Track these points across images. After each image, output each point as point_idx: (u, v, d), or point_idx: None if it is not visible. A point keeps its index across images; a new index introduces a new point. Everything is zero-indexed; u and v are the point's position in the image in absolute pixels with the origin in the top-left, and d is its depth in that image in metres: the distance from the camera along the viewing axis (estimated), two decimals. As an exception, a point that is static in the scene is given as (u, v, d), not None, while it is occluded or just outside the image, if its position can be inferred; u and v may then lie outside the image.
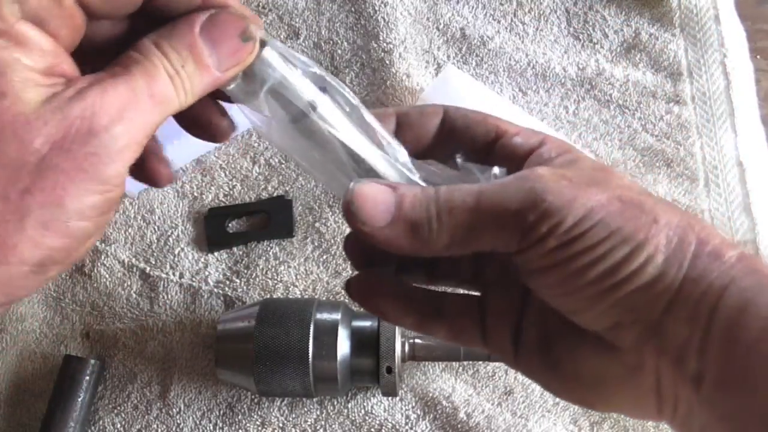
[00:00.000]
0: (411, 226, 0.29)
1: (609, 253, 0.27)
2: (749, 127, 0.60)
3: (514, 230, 0.28)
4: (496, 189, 0.28)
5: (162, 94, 0.28)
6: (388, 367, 0.46)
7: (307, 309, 0.47)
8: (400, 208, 0.29)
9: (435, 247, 0.29)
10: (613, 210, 0.27)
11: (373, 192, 0.29)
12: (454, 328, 0.33)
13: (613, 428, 0.51)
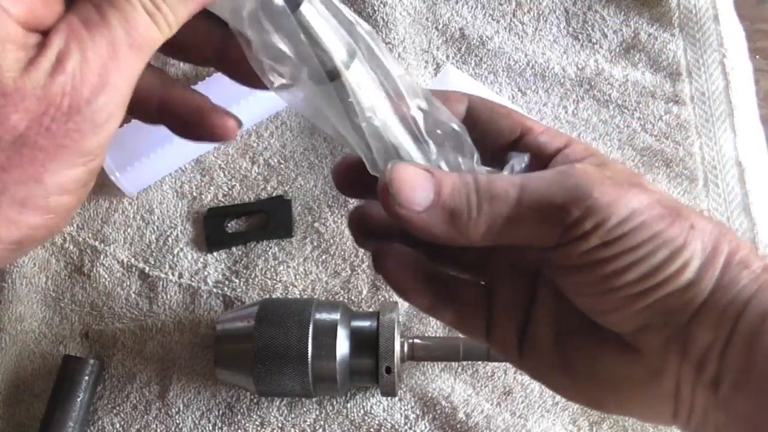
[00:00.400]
0: (450, 214, 0.28)
1: (649, 255, 0.27)
2: (748, 127, 0.60)
3: (556, 225, 0.27)
4: (539, 182, 0.28)
5: (143, 39, 0.25)
6: (387, 367, 0.46)
7: (306, 309, 0.47)
8: (440, 194, 0.28)
9: (472, 237, 0.28)
10: (654, 213, 0.27)
11: (412, 175, 0.28)
12: (459, 315, 0.32)
13: (613, 428, 0.51)
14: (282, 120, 0.61)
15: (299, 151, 0.60)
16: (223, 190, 0.58)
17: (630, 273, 0.27)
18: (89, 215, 0.58)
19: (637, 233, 0.27)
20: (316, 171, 0.59)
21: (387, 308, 0.48)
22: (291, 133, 0.61)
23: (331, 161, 0.59)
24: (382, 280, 0.55)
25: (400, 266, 0.32)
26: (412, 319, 0.54)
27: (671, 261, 0.27)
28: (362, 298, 0.54)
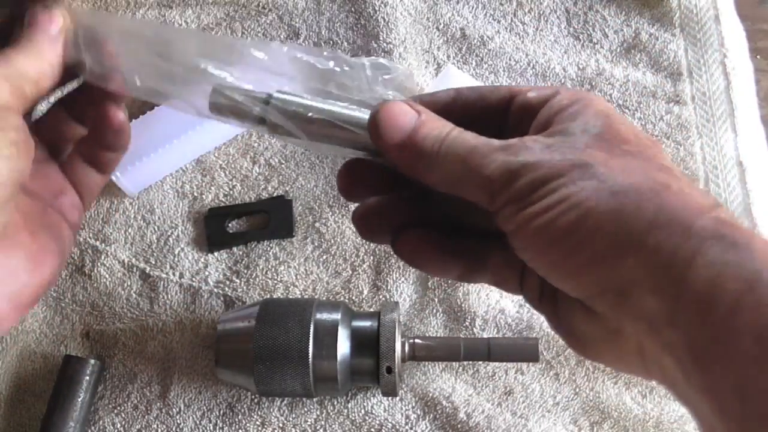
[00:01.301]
0: (416, 153, 0.32)
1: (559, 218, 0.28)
2: (749, 127, 0.60)
3: (484, 193, 0.30)
4: (484, 150, 0.31)
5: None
6: (388, 367, 0.46)
7: (307, 309, 0.47)
8: (414, 135, 0.32)
9: (429, 180, 0.32)
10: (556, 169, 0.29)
11: (397, 111, 0.32)
12: (497, 276, 0.36)
13: (613, 428, 0.51)
14: (283, 120, 0.61)
15: (300, 151, 0.60)
16: (224, 190, 0.58)
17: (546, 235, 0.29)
18: (90, 215, 0.58)
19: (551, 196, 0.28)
20: (317, 171, 0.59)
21: (388, 308, 0.48)
22: (292, 133, 0.61)
23: (331, 161, 0.59)
24: (382, 279, 0.55)
25: (421, 246, 0.36)
26: (413, 319, 0.54)
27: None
28: (363, 298, 0.55)
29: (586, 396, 0.51)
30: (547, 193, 0.29)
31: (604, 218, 0.27)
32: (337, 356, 0.46)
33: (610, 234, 0.27)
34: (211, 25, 0.65)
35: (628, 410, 0.51)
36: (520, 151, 0.30)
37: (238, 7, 0.65)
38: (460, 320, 0.53)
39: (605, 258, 0.27)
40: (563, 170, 0.29)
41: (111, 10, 0.66)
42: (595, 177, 0.28)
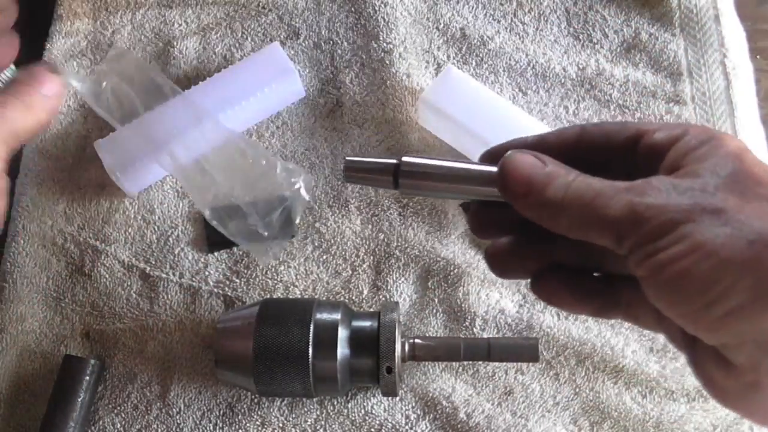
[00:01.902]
0: (542, 203, 0.32)
1: (694, 271, 0.27)
2: (749, 127, 0.60)
3: (611, 235, 0.30)
4: (610, 192, 0.30)
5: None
6: (388, 367, 0.46)
7: (307, 309, 0.47)
8: (540, 185, 0.32)
9: (556, 228, 0.32)
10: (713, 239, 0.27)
11: (523, 163, 0.33)
12: (630, 314, 0.35)
13: (613, 428, 0.50)
14: (283, 120, 0.61)
15: (300, 152, 0.60)
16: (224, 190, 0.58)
17: (681, 288, 0.28)
18: (90, 215, 0.58)
19: (681, 249, 0.27)
20: (317, 171, 0.59)
21: (388, 308, 0.48)
22: (292, 134, 0.61)
23: (331, 161, 0.59)
24: (382, 280, 0.55)
25: (558, 288, 0.36)
26: (413, 319, 0.54)
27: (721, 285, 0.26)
28: (363, 298, 0.55)
29: (586, 396, 0.51)
30: (677, 239, 0.27)
31: (741, 270, 0.26)
32: (337, 356, 0.46)
33: (750, 287, 0.26)
34: (211, 25, 0.65)
35: (628, 410, 0.51)
36: (647, 191, 0.29)
37: (238, 7, 0.65)
38: (460, 320, 0.53)
39: (745, 311, 0.26)
40: (693, 215, 0.28)
41: (111, 10, 0.66)
42: (728, 223, 0.27)
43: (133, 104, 0.56)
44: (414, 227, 0.56)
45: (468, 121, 0.56)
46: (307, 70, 0.63)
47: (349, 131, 0.60)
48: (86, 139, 0.61)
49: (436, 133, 0.59)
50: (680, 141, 0.31)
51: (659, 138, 0.32)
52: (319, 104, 0.62)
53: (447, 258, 0.55)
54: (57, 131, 0.61)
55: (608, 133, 0.34)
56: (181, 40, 0.64)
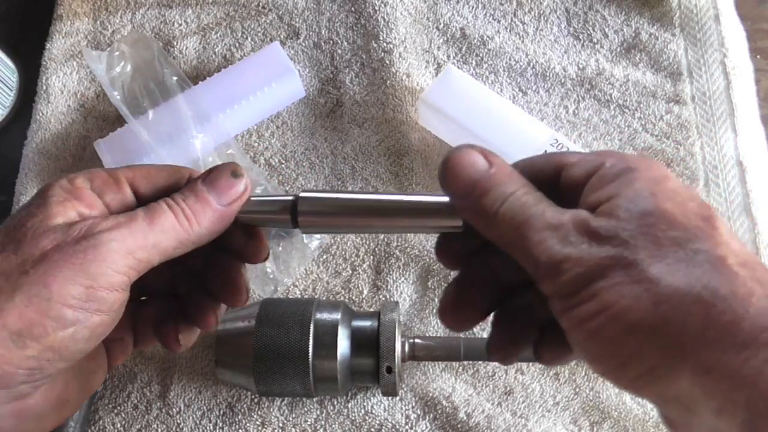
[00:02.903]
0: (478, 208, 0.31)
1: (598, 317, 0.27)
2: (749, 127, 0.60)
3: (533, 271, 0.29)
4: (540, 224, 0.29)
5: (162, 221, 0.34)
6: (388, 367, 0.46)
7: (307, 309, 0.47)
8: (479, 187, 0.31)
9: (486, 235, 0.31)
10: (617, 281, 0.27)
11: (468, 159, 0.31)
12: None
13: (613, 428, 0.50)
14: (283, 120, 0.61)
15: (300, 151, 0.60)
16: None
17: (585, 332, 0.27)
18: (90, 215, 0.58)
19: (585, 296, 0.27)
20: (317, 171, 0.59)
21: (388, 308, 0.48)
22: (292, 133, 0.61)
23: (331, 161, 0.59)
24: (382, 279, 0.55)
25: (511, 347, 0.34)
26: (413, 319, 0.54)
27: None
28: (363, 298, 0.55)
29: (586, 396, 0.51)
30: (589, 297, 0.27)
31: (650, 332, 0.26)
32: (337, 356, 0.46)
33: (659, 350, 0.26)
34: (211, 25, 0.65)
35: (628, 410, 0.51)
36: (567, 237, 0.28)
37: (238, 7, 0.65)
38: (460, 320, 0.53)
39: (659, 374, 0.26)
40: (606, 270, 0.27)
41: (111, 10, 0.66)
42: (636, 281, 0.26)
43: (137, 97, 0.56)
44: (414, 227, 0.56)
45: (468, 121, 0.56)
46: (307, 70, 0.63)
47: (349, 131, 0.60)
48: (86, 139, 0.61)
49: (436, 133, 0.59)
50: (595, 174, 0.30)
51: (576, 173, 0.31)
52: (319, 104, 0.62)
53: (447, 258, 0.55)
54: (57, 131, 0.61)
55: (535, 169, 0.33)
56: (181, 40, 0.64)
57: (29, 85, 0.64)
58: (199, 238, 0.35)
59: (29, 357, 0.31)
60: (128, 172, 0.36)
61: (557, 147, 0.54)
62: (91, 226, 0.32)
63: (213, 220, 0.35)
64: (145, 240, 0.33)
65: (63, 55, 0.64)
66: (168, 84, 0.57)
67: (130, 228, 0.33)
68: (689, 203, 0.28)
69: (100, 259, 0.31)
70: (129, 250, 0.32)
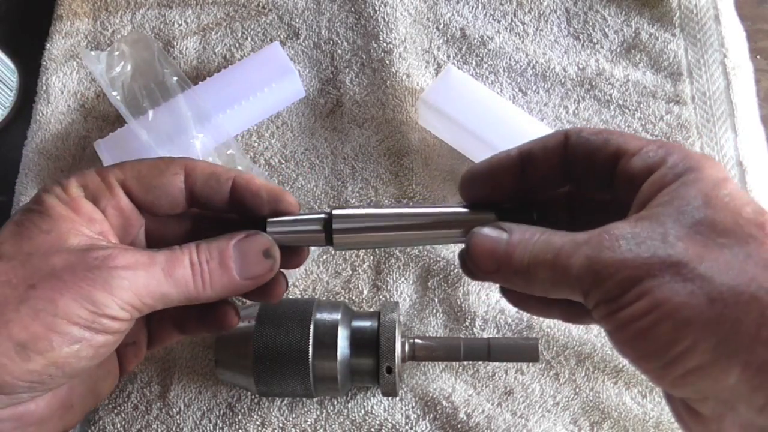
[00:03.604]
0: (510, 273, 0.32)
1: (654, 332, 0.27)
2: (749, 127, 0.60)
3: (578, 292, 0.29)
4: (569, 249, 0.30)
5: (182, 279, 0.34)
6: (388, 367, 0.46)
7: (307, 309, 0.47)
8: (506, 258, 0.32)
9: (530, 292, 0.32)
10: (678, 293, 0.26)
11: (488, 244, 0.33)
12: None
13: (613, 428, 0.50)
14: (283, 120, 0.61)
15: (300, 152, 0.60)
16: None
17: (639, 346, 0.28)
18: (90, 215, 0.58)
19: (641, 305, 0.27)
20: (317, 171, 0.59)
21: (388, 308, 0.48)
22: (292, 134, 0.61)
23: (331, 161, 0.59)
24: (382, 280, 0.55)
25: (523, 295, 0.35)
26: (413, 319, 0.54)
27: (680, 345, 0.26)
28: (363, 298, 0.55)
29: (586, 396, 0.51)
30: (637, 297, 0.27)
31: (703, 329, 0.26)
32: (337, 356, 0.46)
33: (711, 348, 0.26)
34: (211, 25, 0.65)
35: (628, 410, 0.51)
36: (604, 245, 0.28)
37: (238, 7, 0.65)
38: (460, 320, 0.53)
39: (705, 371, 0.26)
40: (653, 269, 0.27)
41: (111, 10, 0.66)
42: (689, 279, 0.26)
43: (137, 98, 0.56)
44: (414, 227, 0.56)
45: (468, 121, 0.56)
46: (307, 70, 0.63)
47: (349, 131, 0.60)
48: (86, 139, 0.61)
49: (436, 133, 0.59)
50: (656, 172, 0.30)
51: (636, 166, 0.31)
52: (319, 104, 0.62)
53: (447, 258, 0.55)
54: (57, 131, 0.61)
55: (590, 149, 0.33)
56: (181, 40, 0.64)
57: (29, 85, 0.64)
58: (206, 299, 0.35)
59: (32, 371, 0.31)
60: (119, 173, 0.36)
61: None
62: (108, 257, 0.32)
63: (228, 289, 0.36)
64: (157, 288, 0.33)
65: (63, 55, 0.64)
66: (168, 84, 0.57)
67: (146, 272, 0.33)
68: (744, 209, 0.28)
69: (108, 290, 0.32)
70: (138, 293, 0.33)
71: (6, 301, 0.31)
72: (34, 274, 0.31)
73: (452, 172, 0.59)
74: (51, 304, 0.31)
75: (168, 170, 0.36)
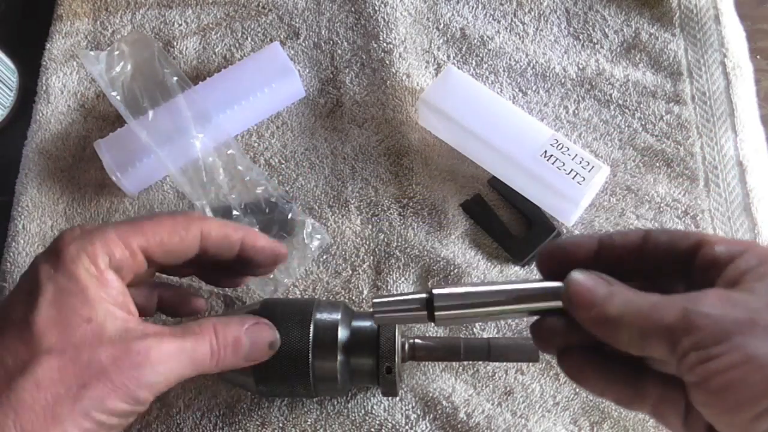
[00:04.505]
0: (605, 319, 0.33)
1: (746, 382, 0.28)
2: (749, 127, 0.60)
3: (666, 343, 0.30)
4: (665, 302, 0.31)
5: (200, 360, 0.39)
6: (387, 367, 0.46)
7: (306, 309, 0.47)
8: (604, 305, 0.33)
9: (617, 342, 0.33)
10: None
11: (590, 287, 0.34)
12: (657, 411, 0.36)
13: (613, 428, 0.50)
14: (283, 120, 0.61)
15: (300, 152, 0.60)
16: (224, 190, 0.58)
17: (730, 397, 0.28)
18: (90, 215, 0.58)
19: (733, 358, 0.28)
20: (317, 171, 0.59)
21: None
22: (292, 134, 0.61)
23: (331, 161, 0.59)
24: (382, 280, 0.55)
25: (582, 366, 0.37)
26: (412, 319, 0.54)
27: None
28: (363, 298, 0.54)
29: (586, 396, 0.51)
30: (730, 350, 0.28)
31: None
32: (337, 356, 0.46)
33: None
34: (211, 25, 0.65)
35: (628, 410, 0.51)
36: (702, 301, 0.30)
37: (238, 7, 0.65)
38: (460, 320, 0.53)
39: None
40: (747, 328, 0.29)
41: (111, 10, 0.66)
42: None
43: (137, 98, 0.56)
44: (414, 227, 0.56)
45: (468, 121, 0.56)
46: (307, 70, 0.63)
47: (349, 131, 0.60)
48: (86, 139, 0.61)
49: (436, 133, 0.59)
50: (740, 258, 0.32)
51: (720, 252, 0.33)
52: (319, 104, 0.62)
53: (447, 258, 0.55)
54: (57, 131, 0.61)
55: (673, 240, 0.35)
56: (181, 40, 0.64)
57: (29, 85, 0.64)
58: (209, 372, 0.40)
59: None
60: (142, 241, 0.39)
61: (557, 147, 0.54)
62: (148, 353, 0.36)
63: (230, 367, 0.41)
64: (182, 373, 0.38)
65: (63, 55, 0.64)
66: (168, 84, 0.57)
67: (177, 362, 0.38)
68: None
69: (148, 388, 0.36)
70: (168, 382, 0.37)
71: (62, 401, 0.34)
72: (85, 373, 0.34)
73: (452, 172, 0.59)
74: (101, 403, 0.35)
75: (188, 237, 0.41)
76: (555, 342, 0.38)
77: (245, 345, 0.41)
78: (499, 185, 0.58)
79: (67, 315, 0.35)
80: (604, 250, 0.37)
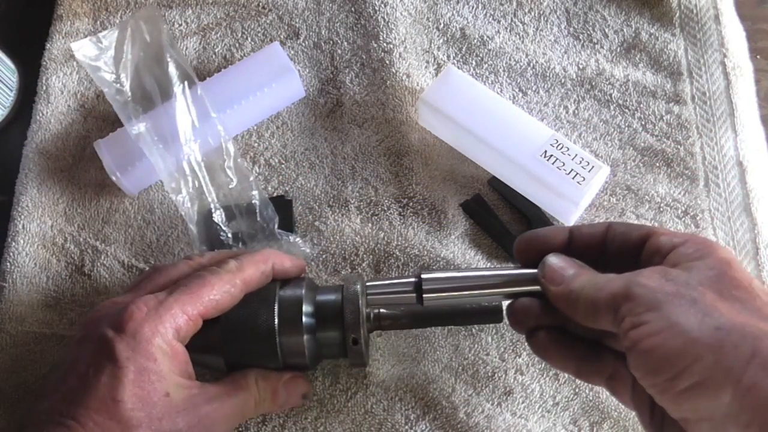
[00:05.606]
0: (568, 293, 0.39)
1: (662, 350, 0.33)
2: (749, 127, 0.60)
3: (611, 311, 0.36)
4: (614, 278, 0.37)
5: (248, 410, 0.45)
6: (354, 339, 0.46)
7: (270, 287, 0.47)
8: (569, 283, 0.39)
9: (576, 315, 0.39)
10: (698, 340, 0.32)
11: (560, 264, 0.41)
12: (611, 385, 0.42)
13: (613, 428, 0.50)
14: (283, 120, 0.61)
15: (300, 151, 0.60)
16: (224, 190, 0.58)
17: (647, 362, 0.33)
18: (90, 215, 0.58)
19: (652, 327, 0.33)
20: (317, 171, 0.59)
21: (351, 280, 0.47)
22: (292, 134, 0.61)
23: (331, 161, 0.59)
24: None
25: (546, 345, 0.43)
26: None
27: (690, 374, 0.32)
28: (363, 298, 0.54)
29: (586, 396, 0.51)
30: (658, 317, 0.33)
31: (704, 350, 0.31)
32: (303, 331, 0.46)
33: (709, 366, 0.31)
34: (211, 25, 0.65)
35: (627, 410, 0.50)
36: (643, 274, 0.36)
37: (238, 7, 0.65)
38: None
39: (704, 388, 0.31)
40: (674, 297, 0.33)
41: (111, 10, 0.66)
42: (701, 311, 0.33)
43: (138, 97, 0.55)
44: (414, 227, 0.56)
45: (468, 121, 0.56)
46: (307, 70, 0.63)
47: (349, 131, 0.60)
48: (86, 139, 0.61)
49: (436, 133, 0.59)
50: (682, 246, 0.37)
51: (664, 242, 0.38)
52: (319, 104, 0.62)
53: (447, 258, 0.55)
54: (57, 131, 0.61)
55: (627, 231, 0.41)
56: (181, 40, 0.64)
57: (29, 85, 0.64)
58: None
59: None
60: (201, 308, 0.43)
61: (557, 147, 0.54)
62: (213, 411, 0.43)
63: (268, 412, 0.49)
64: (236, 423, 0.46)
65: (63, 55, 0.64)
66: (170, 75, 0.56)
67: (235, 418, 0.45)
68: (752, 281, 0.35)
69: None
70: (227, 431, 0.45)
71: None
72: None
73: (452, 172, 0.59)
74: None
75: (237, 292, 0.45)
76: (528, 323, 0.43)
77: (282, 396, 0.46)
78: (499, 185, 0.58)
79: (149, 392, 0.40)
80: (575, 240, 0.42)
